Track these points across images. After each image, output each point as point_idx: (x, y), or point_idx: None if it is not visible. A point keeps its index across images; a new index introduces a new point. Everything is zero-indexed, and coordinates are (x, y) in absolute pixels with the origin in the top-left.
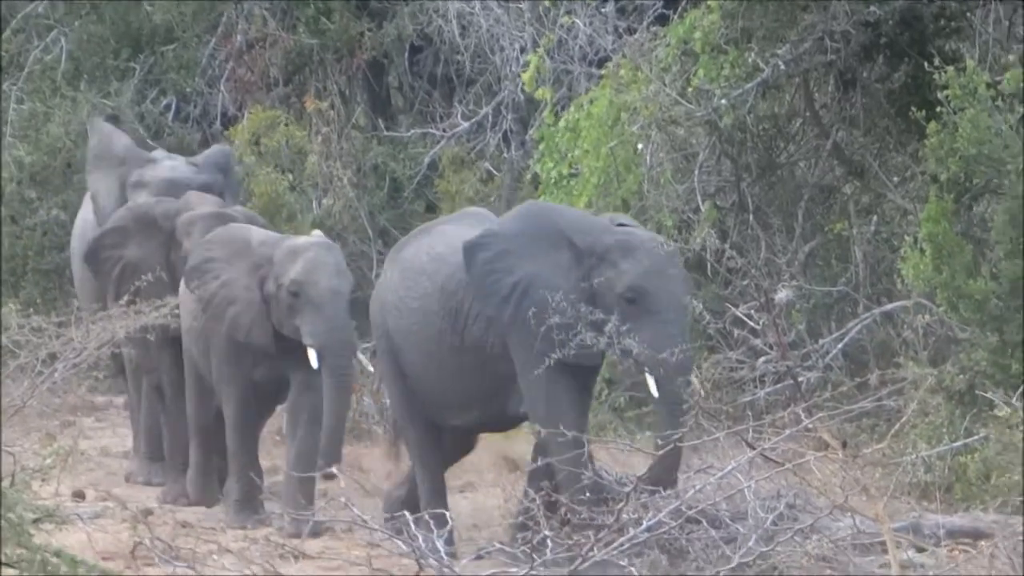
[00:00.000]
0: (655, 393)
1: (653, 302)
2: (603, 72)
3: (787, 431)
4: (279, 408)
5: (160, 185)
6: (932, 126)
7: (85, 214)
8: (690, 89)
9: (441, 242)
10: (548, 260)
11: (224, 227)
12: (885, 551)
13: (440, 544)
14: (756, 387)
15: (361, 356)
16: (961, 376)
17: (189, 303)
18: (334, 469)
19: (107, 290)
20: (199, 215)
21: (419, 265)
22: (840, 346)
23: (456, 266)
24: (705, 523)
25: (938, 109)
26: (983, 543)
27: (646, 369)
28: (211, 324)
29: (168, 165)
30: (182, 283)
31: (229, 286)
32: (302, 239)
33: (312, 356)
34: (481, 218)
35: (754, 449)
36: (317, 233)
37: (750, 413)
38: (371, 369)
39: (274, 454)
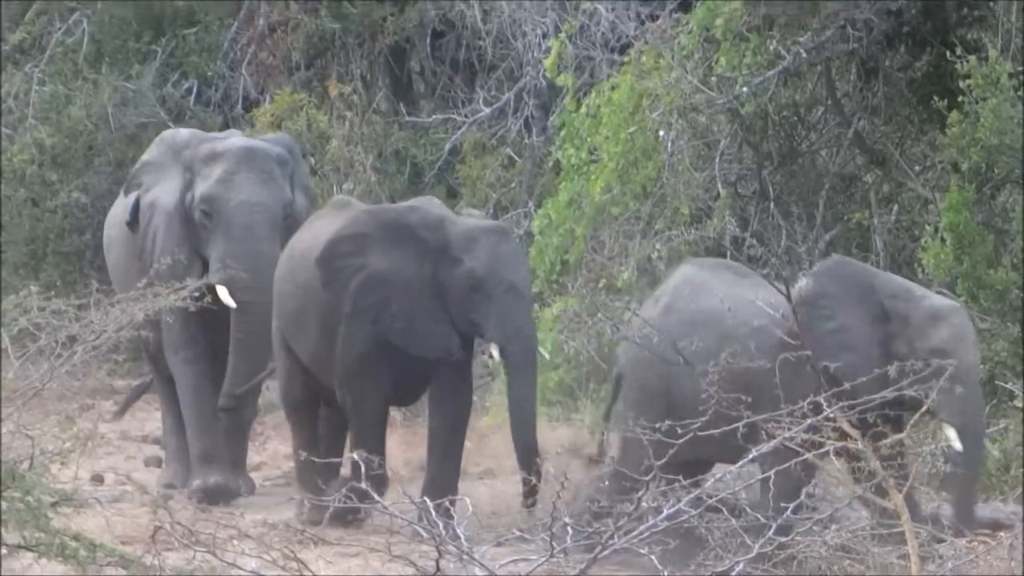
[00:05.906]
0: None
1: None
2: (625, 59)
3: (807, 421)
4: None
5: (237, 153)
6: (954, 115)
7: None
8: (712, 77)
9: None
10: None
11: (840, 260)
12: (904, 542)
13: (460, 531)
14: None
15: None
16: (981, 366)
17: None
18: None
19: (341, 302)
20: (479, 228)
21: None
22: None
23: None
24: (725, 512)
25: (960, 98)
26: (1002, 534)
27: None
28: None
29: (239, 136)
30: None
31: (845, 332)
32: (938, 300)
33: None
34: None
35: (774, 438)
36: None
37: None
38: None
39: None
